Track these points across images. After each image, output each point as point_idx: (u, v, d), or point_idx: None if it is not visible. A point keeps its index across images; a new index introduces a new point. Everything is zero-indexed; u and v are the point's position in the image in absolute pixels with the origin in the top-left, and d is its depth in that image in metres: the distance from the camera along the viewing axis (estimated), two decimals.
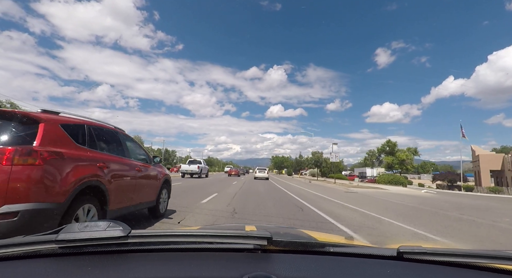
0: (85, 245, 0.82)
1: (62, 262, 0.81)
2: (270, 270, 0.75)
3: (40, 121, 2.84)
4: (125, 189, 4.12)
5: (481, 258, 0.84)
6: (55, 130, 2.98)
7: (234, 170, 40.61)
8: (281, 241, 0.94)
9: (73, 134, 3.20)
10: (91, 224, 0.86)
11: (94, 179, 3.21)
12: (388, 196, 15.24)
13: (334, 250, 0.94)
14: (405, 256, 0.88)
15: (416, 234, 5.38)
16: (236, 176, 36.22)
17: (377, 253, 0.93)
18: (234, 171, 38.50)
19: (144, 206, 4.88)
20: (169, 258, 0.86)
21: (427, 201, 13.27)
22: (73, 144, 3.14)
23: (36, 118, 2.85)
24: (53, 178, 2.68)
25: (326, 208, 8.90)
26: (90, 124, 3.66)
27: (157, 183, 5.35)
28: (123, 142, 4.47)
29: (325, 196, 13.64)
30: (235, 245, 0.90)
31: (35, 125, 2.79)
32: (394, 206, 10.73)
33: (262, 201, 9.71)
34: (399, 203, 11.74)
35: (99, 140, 3.74)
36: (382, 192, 18.98)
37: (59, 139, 2.97)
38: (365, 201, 11.93)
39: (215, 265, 0.81)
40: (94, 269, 0.75)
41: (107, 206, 3.47)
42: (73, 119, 3.48)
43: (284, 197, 11.88)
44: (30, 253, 0.82)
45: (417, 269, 0.85)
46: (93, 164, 3.31)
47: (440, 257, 0.86)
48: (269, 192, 13.78)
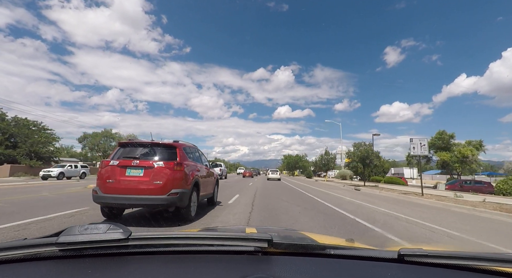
0: (86, 248, 0.83)
1: (62, 265, 0.81)
2: (271, 273, 0.75)
3: (176, 147, 5.51)
4: (204, 183, 6.67)
5: (482, 261, 0.82)
6: (182, 151, 5.59)
7: (248, 171, 46.07)
8: (282, 243, 0.93)
9: (186, 152, 5.93)
10: (91, 227, 0.87)
11: (197, 177, 5.93)
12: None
13: (334, 252, 0.93)
14: (406, 259, 0.87)
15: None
16: (250, 177, 39.86)
17: (378, 255, 0.92)
18: (248, 173, 43.40)
19: (207, 196, 7.33)
20: (169, 260, 0.86)
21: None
22: (187, 158, 5.82)
23: (174, 146, 5.55)
24: (186, 177, 5.35)
25: None
26: (188, 146, 6.48)
27: (214, 181, 8.01)
28: (200, 154, 7.29)
29: None
30: (236, 247, 0.90)
31: (175, 150, 5.44)
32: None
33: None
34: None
35: (193, 154, 6.55)
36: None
37: (184, 156, 5.61)
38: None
39: (216, 267, 0.81)
40: (95, 271, 0.76)
41: (199, 193, 6.11)
42: (185, 144, 6.31)
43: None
44: (31, 256, 0.83)
45: (418, 271, 0.84)
46: (195, 169, 6.02)
47: (441, 259, 0.85)
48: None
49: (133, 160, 5.04)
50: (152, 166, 5.00)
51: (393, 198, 14.19)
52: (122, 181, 4.89)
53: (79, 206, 7.11)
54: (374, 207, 9.58)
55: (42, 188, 13.78)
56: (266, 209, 7.68)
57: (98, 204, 5.23)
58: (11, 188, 13.37)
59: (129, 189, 4.85)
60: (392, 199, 13.62)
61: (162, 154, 5.31)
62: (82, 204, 7.43)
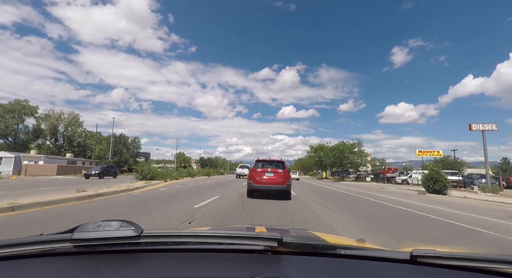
0: (99, 245, 0.85)
1: (76, 261, 0.83)
2: (280, 272, 0.75)
3: (284, 162, 10.77)
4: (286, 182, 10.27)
5: (497, 263, 0.79)
6: (285, 164, 10.71)
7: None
8: (292, 243, 0.93)
9: (283, 164, 10.60)
10: (104, 224, 0.89)
11: (288, 180, 10.14)
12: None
13: (345, 252, 0.92)
14: (418, 260, 0.85)
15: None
16: None
17: (390, 256, 0.90)
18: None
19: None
20: (179, 258, 0.87)
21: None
22: (286, 167, 10.43)
23: (283, 161, 10.77)
24: (288, 178, 10.15)
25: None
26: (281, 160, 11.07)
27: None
28: (284, 164, 10.85)
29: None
30: (245, 246, 0.90)
31: (283, 163, 10.57)
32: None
33: None
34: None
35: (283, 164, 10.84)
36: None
37: (286, 166, 10.54)
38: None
39: (225, 266, 0.81)
40: (107, 268, 0.77)
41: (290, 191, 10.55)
42: (284, 160, 11.23)
43: None
44: (46, 252, 0.85)
45: (430, 273, 0.81)
46: (287, 174, 10.12)
47: (455, 261, 0.82)
48: None
49: (268, 168, 10.10)
50: (277, 171, 9.97)
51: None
52: (263, 178, 9.91)
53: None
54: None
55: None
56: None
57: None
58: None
59: (267, 182, 9.85)
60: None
61: (279, 166, 10.33)
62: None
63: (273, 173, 9.85)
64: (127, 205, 7.61)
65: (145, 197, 9.64)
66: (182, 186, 16.14)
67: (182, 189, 14.17)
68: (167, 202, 8.36)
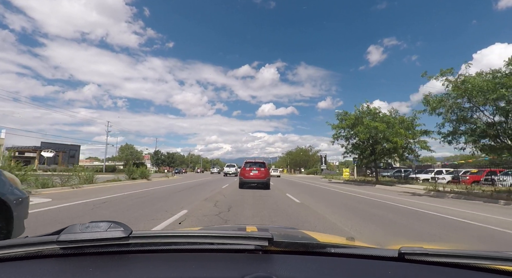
0: (87, 246, 0.83)
1: (63, 263, 0.81)
2: (271, 271, 0.75)
3: (264, 162, 15.74)
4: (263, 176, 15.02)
5: (483, 259, 0.82)
6: (264, 164, 15.60)
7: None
8: (282, 242, 0.93)
9: (265, 164, 15.76)
10: (92, 225, 0.86)
11: (268, 175, 15.02)
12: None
13: (335, 251, 0.93)
14: (406, 257, 0.86)
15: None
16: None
17: (378, 254, 0.91)
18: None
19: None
20: (170, 258, 0.86)
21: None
22: (266, 166, 15.57)
23: (264, 162, 15.74)
24: (268, 174, 15.07)
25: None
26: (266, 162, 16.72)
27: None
28: (265, 164, 15.82)
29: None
30: (236, 246, 0.90)
31: (264, 164, 15.67)
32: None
33: None
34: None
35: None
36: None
37: (265, 166, 15.46)
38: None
39: (216, 265, 0.81)
40: (96, 270, 0.76)
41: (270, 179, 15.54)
42: (265, 162, 16.45)
43: None
44: (32, 254, 0.82)
45: (418, 270, 0.83)
46: (267, 171, 15.03)
47: (442, 258, 0.84)
48: None
49: (254, 167, 14.52)
50: (260, 169, 14.41)
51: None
52: (250, 174, 14.32)
53: None
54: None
55: None
56: None
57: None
58: None
59: (253, 177, 14.26)
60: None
61: (261, 165, 14.79)
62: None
63: (257, 171, 14.48)
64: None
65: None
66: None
67: None
68: None
